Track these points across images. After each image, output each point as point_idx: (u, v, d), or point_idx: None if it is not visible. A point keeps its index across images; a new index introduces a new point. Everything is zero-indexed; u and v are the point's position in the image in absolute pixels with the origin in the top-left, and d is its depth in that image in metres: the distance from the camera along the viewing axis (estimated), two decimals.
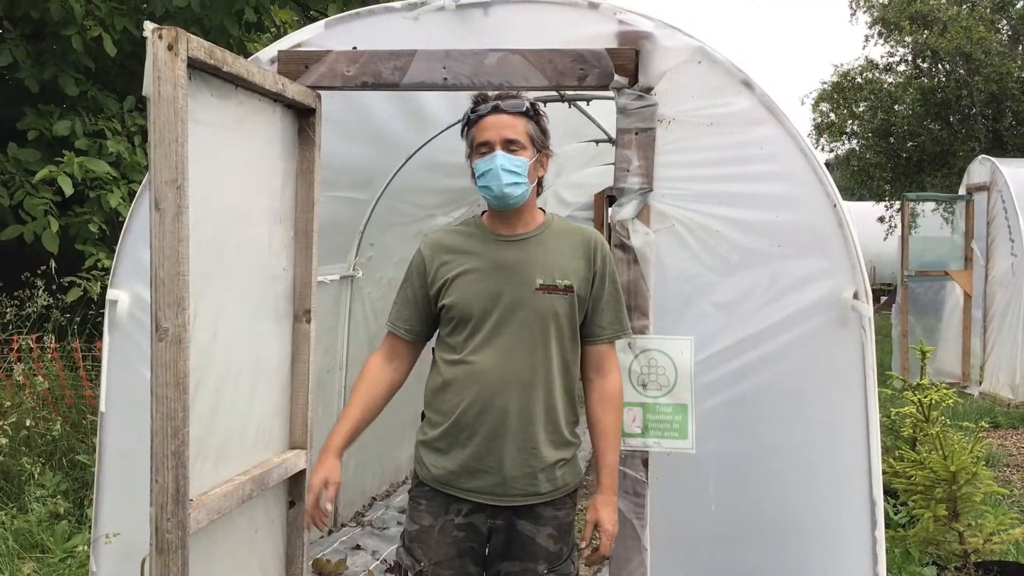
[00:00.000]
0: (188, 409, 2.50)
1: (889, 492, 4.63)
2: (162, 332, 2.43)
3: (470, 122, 2.68)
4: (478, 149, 2.64)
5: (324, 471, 2.66)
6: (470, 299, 2.64)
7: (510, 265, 2.64)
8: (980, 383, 10.04)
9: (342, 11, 6.35)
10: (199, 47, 2.49)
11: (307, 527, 3.34)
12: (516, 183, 2.60)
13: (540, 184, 2.75)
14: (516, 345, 2.61)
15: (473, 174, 2.67)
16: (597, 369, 2.72)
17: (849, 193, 20.61)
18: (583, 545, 2.69)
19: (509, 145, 2.61)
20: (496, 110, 2.63)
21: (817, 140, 19.79)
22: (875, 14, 18.52)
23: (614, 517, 2.67)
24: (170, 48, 2.39)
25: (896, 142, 18.50)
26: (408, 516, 2.76)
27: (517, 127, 2.63)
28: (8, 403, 5.43)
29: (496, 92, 2.71)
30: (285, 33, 8.32)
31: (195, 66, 2.52)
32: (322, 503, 2.67)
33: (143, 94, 2.41)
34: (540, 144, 2.68)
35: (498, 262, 2.66)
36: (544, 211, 2.80)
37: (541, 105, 2.76)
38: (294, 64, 3.34)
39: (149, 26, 2.39)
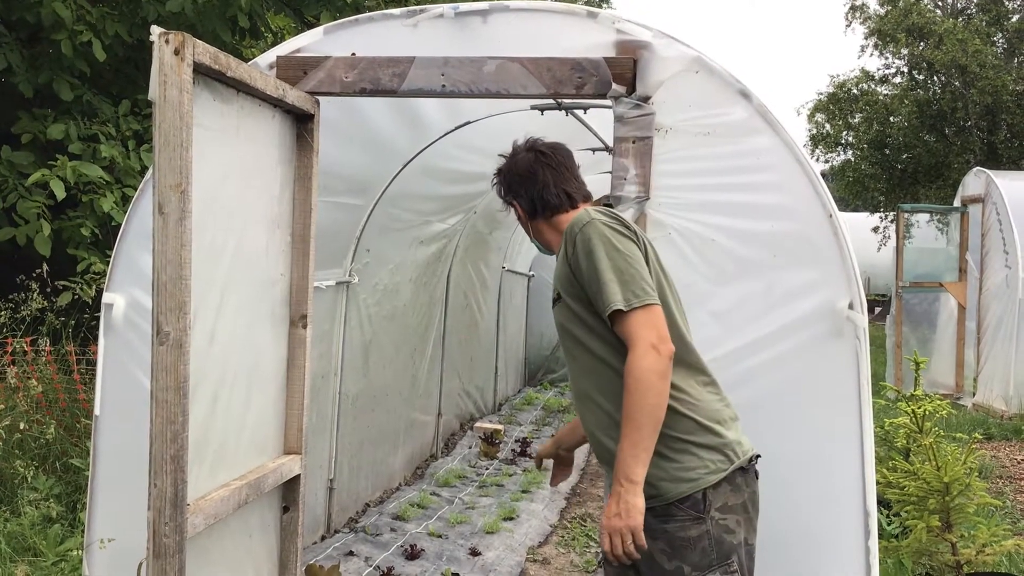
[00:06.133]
0: (188, 413, 2.51)
1: (882, 502, 4.64)
2: (163, 336, 2.44)
3: None
4: None
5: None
6: None
7: None
8: (973, 394, 10.05)
9: (335, 19, 6.35)
10: (204, 52, 2.50)
11: None
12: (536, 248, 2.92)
13: (541, 209, 2.79)
14: (566, 359, 2.72)
15: None
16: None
17: (844, 204, 20.66)
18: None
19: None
20: None
21: (812, 151, 19.84)
22: (871, 25, 18.59)
23: (609, 507, 2.41)
24: (176, 53, 2.39)
25: (891, 154, 18.57)
26: None
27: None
28: (1, 406, 5.41)
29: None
30: (282, 39, 8.33)
31: (200, 71, 2.53)
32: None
33: (149, 98, 2.42)
34: (508, 202, 2.86)
35: None
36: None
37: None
38: (293, 70, 3.35)
39: (156, 31, 2.40)
